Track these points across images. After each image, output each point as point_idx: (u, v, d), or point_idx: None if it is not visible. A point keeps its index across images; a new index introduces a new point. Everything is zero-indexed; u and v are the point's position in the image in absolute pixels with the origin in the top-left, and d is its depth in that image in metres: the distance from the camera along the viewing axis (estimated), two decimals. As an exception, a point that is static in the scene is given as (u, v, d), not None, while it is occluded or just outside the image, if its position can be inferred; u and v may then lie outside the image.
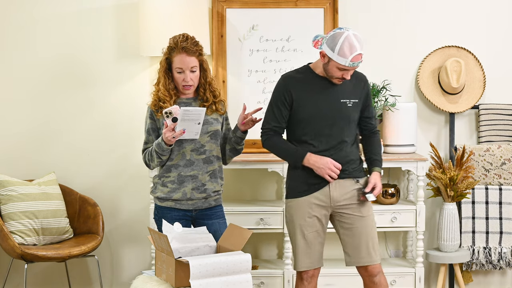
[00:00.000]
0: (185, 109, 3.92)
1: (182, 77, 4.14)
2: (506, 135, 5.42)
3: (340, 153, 4.14)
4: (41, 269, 5.41)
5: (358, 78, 4.19)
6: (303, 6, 5.30)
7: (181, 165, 4.16)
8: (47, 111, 5.39)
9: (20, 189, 5.04)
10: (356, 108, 4.16)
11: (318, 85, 4.12)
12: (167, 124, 3.98)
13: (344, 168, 4.14)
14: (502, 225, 5.32)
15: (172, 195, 4.17)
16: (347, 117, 4.13)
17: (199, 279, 3.59)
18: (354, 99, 4.15)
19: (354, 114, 4.16)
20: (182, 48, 4.11)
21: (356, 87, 4.17)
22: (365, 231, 4.15)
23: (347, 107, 4.13)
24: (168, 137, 3.98)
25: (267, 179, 5.45)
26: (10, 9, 5.33)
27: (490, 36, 5.48)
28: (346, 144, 4.16)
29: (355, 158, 4.19)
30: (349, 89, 4.16)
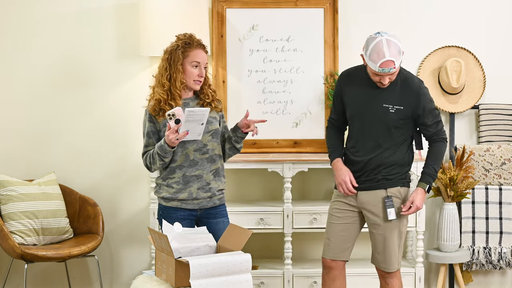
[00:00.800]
0: (189, 110, 3.92)
1: (197, 72, 4.14)
2: (506, 135, 5.42)
3: (374, 157, 4.19)
4: (41, 269, 5.41)
5: (409, 86, 4.17)
6: (303, 6, 5.30)
7: (185, 166, 4.16)
8: (47, 111, 5.39)
9: (20, 189, 5.04)
10: (401, 115, 4.15)
11: (368, 86, 4.20)
12: (170, 126, 3.97)
13: (375, 176, 4.19)
14: (502, 225, 5.32)
15: (178, 195, 4.17)
16: (385, 122, 4.15)
17: (199, 279, 3.59)
18: (398, 105, 4.15)
19: (397, 121, 4.15)
20: (200, 45, 4.16)
21: (404, 94, 4.16)
22: (382, 238, 4.25)
23: (388, 112, 4.15)
24: (171, 139, 3.98)
25: (267, 179, 5.45)
26: (10, 9, 5.33)
27: (490, 36, 5.48)
28: (382, 149, 4.18)
29: (393, 165, 4.19)
30: (396, 94, 4.16)
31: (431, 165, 4.23)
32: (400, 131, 4.19)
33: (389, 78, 4.09)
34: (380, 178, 4.20)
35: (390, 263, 4.26)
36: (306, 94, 5.32)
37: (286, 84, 5.35)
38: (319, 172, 5.36)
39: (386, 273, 4.30)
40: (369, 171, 4.21)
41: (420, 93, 4.17)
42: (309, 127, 5.30)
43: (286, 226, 5.08)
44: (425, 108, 4.18)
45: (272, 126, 5.33)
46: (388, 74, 4.05)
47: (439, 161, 4.25)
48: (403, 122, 4.17)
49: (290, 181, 5.09)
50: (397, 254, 4.27)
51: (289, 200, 5.09)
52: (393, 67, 4.02)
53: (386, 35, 4.06)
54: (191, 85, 4.18)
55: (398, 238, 4.25)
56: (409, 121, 4.20)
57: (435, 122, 4.24)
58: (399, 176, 4.22)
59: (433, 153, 4.25)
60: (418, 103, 4.16)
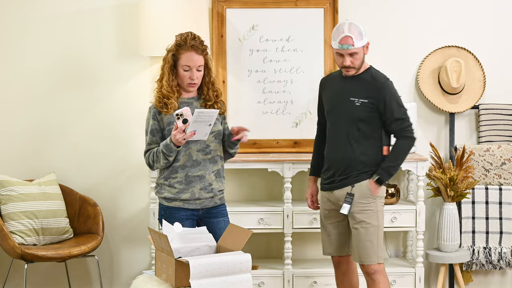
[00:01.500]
0: (199, 111, 3.93)
1: (189, 75, 4.14)
2: (506, 135, 5.42)
3: (345, 155, 4.28)
4: (41, 269, 5.41)
5: (375, 80, 4.29)
6: (303, 6, 5.30)
7: (188, 166, 4.16)
8: (47, 111, 5.38)
9: (20, 189, 5.04)
10: (365, 109, 4.24)
11: (339, 84, 4.36)
12: (177, 126, 3.98)
13: (347, 172, 4.29)
14: (502, 225, 5.32)
15: (181, 195, 4.17)
16: (352, 117, 4.25)
17: (199, 279, 3.59)
18: (363, 98, 4.24)
19: (362, 114, 4.24)
20: (191, 46, 4.12)
21: (370, 88, 4.27)
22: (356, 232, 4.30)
23: (354, 106, 4.25)
24: (178, 138, 3.99)
25: (267, 179, 5.45)
26: (9, 9, 5.33)
27: (490, 36, 5.48)
28: (352, 147, 4.27)
29: (363, 162, 4.27)
30: (362, 89, 4.27)
31: (388, 159, 4.27)
32: (368, 126, 4.27)
33: (350, 61, 4.23)
34: (352, 175, 4.29)
35: (367, 256, 4.29)
36: (306, 94, 5.32)
37: (286, 84, 5.35)
38: (319, 172, 5.36)
39: (369, 268, 4.30)
40: (341, 169, 4.30)
41: (383, 87, 4.27)
42: (309, 127, 5.29)
43: (286, 226, 5.09)
44: (386, 102, 4.25)
45: (272, 126, 5.33)
46: (347, 52, 4.20)
47: (398, 157, 4.28)
48: (369, 116, 4.25)
49: (290, 181, 5.09)
50: (375, 247, 4.28)
51: (289, 200, 5.09)
52: (351, 44, 4.19)
53: (350, 20, 4.27)
54: (185, 88, 4.18)
55: (374, 231, 4.28)
56: (375, 115, 4.26)
57: (400, 119, 4.27)
58: (370, 173, 4.29)
59: (393, 149, 4.30)
60: (381, 96, 4.25)
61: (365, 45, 4.27)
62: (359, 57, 4.25)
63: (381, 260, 4.31)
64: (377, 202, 4.30)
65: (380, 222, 4.31)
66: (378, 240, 4.29)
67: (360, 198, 4.27)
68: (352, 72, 4.28)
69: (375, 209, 4.29)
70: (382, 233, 4.33)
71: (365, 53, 4.29)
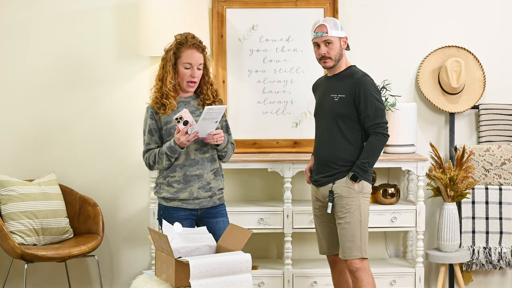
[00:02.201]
0: (209, 108, 3.97)
1: (190, 73, 4.15)
2: (506, 135, 5.42)
3: (325, 148, 4.36)
4: (41, 269, 5.41)
5: (353, 76, 4.35)
6: (303, 6, 5.30)
7: (186, 165, 4.16)
8: (47, 111, 5.39)
9: (20, 189, 5.04)
10: (343, 104, 4.30)
11: (324, 84, 4.46)
12: (179, 129, 4.00)
13: (329, 169, 4.35)
14: (502, 225, 5.32)
15: (179, 195, 4.18)
16: (331, 112, 4.33)
17: (199, 279, 3.59)
18: (341, 94, 4.32)
19: (341, 110, 4.31)
20: (193, 44, 4.15)
21: (347, 82, 4.33)
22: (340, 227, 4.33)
23: (333, 102, 4.33)
24: (183, 141, 4.02)
25: (267, 179, 5.45)
26: (9, 9, 5.33)
27: (490, 36, 5.48)
28: (332, 141, 4.33)
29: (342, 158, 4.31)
30: (341, 84, 4.35)
31: (362, 156, 4.29)
32: (348, 123, 4.31)
33: (326, 51, 4.31)
34: (333, 172, 4.33)
35: (349, 251, 4.30)
36: (306, 94, 5.32)
37: (286, 84, 5.35)
38: (319, 172, 5.35)
39: (351, 265, 4.30)
40: (324, 166, 4.36)
41: (360, 81, 4.31)
42: (309, 127, 5.29)
43: (286, 226, 5.09)
44: (361, 96, 4.27)
45: (272, 126, 5.33)
46: (321, 39, 4.31)
47: (371, 154, 4.29)
48: (347, 112, 4.30)
49: (290, 181, 5.09)
50: (357, 242, 4.29)
51: (289, 200, 5.09)
52: (325, 31, 4.29)
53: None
54: (185, 87, 4.19)
55: (357, 225, 4.29)
56: (354, 112, 4.30)
57: (374, 115, 4.28)
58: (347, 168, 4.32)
59: (366, 146, 4.31)
60: (357, 89, 4.29)
61: (342, 38, 4.34)
62: (334, 47, 4.31)
63: (364, 255, 4.30)
64: (360, 197, 4.30)
65: (363, 218, 4.31)
66: (361, 236, 4.29)
67: (342, 194, 4.30)
68: (330, 64, 4.34)
69: (357, 204, 4.29)
70: (366, 229, 4.32)
71: (342, 46, 4.34)
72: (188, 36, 4.18)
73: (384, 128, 4.30)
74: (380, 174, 5.45)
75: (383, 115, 4.31)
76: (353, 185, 4.28)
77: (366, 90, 4.29)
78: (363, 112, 4.28)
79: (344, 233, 4.30)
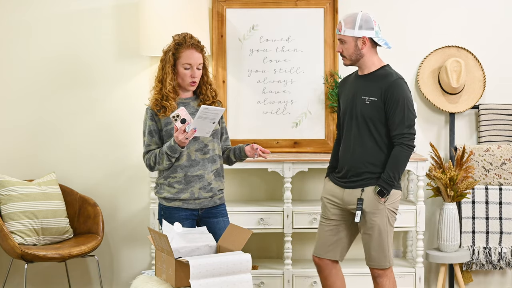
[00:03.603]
0: (205, 107, 3.95)
1: (190, 73, 4.15)
2: (506, 135, 5.42)
3: (354, 153, 4.23)
4: (41, 269, 5.41)
5: (386, 78, 4.19)
6: (303, 6, 5.30)
7: (187, 166, 4.16)
8: (47, 111, 5.39)
9: (20, 189, 5.04)
10: (375, 107, 4.16)
11: (353, 83, 4.31)
12: (177, 128, 3.99)
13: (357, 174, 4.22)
14: (502, 225, 5.32)
15: (180, 195, 4.17)
16: (362, 115, 4.18)
17: (199, 279, 3.59)
18: (373, 97, 4.17)
19: (372, 113, 4.16)
20: (191, 44, 4.14)
21: (380, 84, 4.18)
22: (366, 236, 4.25)
23: (364, 104, 4.18)
24: (181, 139, 4.00)
25: (267, 179, 5.45)
26: (9, 8, 5.33)
27: (490, 36, 5.48)
28: (362, 144, 4.21)
29: (371, 163, 4.20)
30: (374, 86, 4.20)
31: (387, 169, 4.17)
32: (379, 127, 4.18)
33: (341, 47, 4.22)
34: (362, 177, 4.22)
35: (375, 260, 4.25)
36: (306, 94, 5.32)
37: (286, 84, 5.35)
38: (319, 172, 5.35)
39: (376, 272, 4.28)
40: (352, 170, 4.23)
41: (392, 84, 4.15)
42: (309, 127, 5.30)
43: (286, 226, 5.08)
44: (392, 101, 4.13)
45: (272, 126, 5.33)
46: (337, 37, 4.24)
47: (397, 167, 4.16)
48: (378, 116, 4.16)
49: (290, 181, 5.09)
50: (385, 251, 4.24)
51: (289, 200, 5.09)
52: (339, 29, 4.21)
53: (363, 11, 4.28)
54: (186, 86, 4.19)
55: (384, 235, 4.22)
56: (384, 116, 4.16)
57: (400, 123, 4.13)
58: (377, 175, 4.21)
59: (391, 158, 4.17)
60: (388, 93, 4.14)
61: (360, 39, 4.18)
62: (348, 47, 4.19)
63: (388, 264, 4.26)
64: (387, 206, 4.21)
65: (389, 227, 4.24)
66: (388, 245, 4.24)
67: (369, 202, 4.20)
68: (346, 62, 4.25)
69: (385, 214, 4.21)
70: (391, 237, 4.27)
71: (360, 47, 4.19)
72: (186, 36, 4.17)
73: (410, 139, 4.14)
74: (380, 174, 5.45)
75: (411, 125, 4.15)
76: (380, 200, 4.18)
77: (398, 95, 4.13)
78: (390, 118, 4.13)
79: (371, 243, 4.23)
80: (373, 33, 4.19)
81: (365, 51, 4.20)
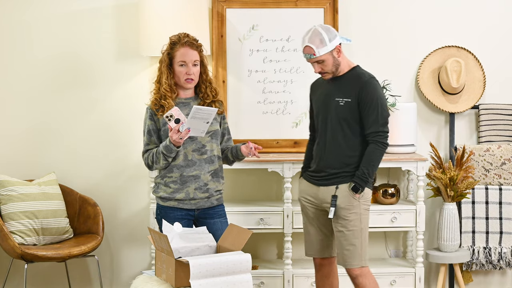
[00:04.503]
0: (197, 108, 3.95)
1: (185, 70, 4.16)
2: (506, 135, 5.42)
3: (328, 153, 4.27)
4: (41, 269, 5.41)
5: (357, 79, 4.25)
6: (303, 6, 5.30)
7: (183, 166, 4.16)
8: (47, 111, 5.39)
9: (20, 189, 5.04)
10: (349, 108, 4.21)
11: (326, 85, 4.33)
12: (171, 127, 3.99)
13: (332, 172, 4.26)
14: (502, 225, 5.32)
15: (175, 195, 4.18)
16: (336, 117, 4.23)
17: (199, 279, 3.59)
18: (347, 98, 4.21)
19: (347, 114, 4.21)
20: (185, 42, 4.17)
21: (353, 85, 4.23)
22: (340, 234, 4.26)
23: (338, 106, 4.23)
24: (175, 139, 4.01)
25: (267, 179, 5.45)
26: (9, 8, 5.33)
27: (490, 36, 5.48)
28: (336, 144, 4.25)
29: (346, 162, 4.24)
30: (347, 87, 4.24)
31: (362, 166, 4.20)
32: (353, 127, 4.22)
33: (320, 67, 4.21)
34: (336, 175, 4.25)
35: (350, 259, 4.24)
36: (306, 94, 5.29)
37: (286, 84, 5.35)
38: (319, 172, 5.35)
39: (353, 272, 4.26)
40: (327, 168, 4.27)
41: (365, 84, 4.19)
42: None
43: (286, 226, 5.09)
44: (366, 100, 4.16)
45: (272, 126, 5.33)
46: (312, 61, 4.20)
47: (371, 164, 4.20)
48: (352, 116, 4.20)
49: (290, 181, 5.09)
50: (358, 251, 4.24)
51: (289, 200, 5.09)
52: (312, 54, 4.17)
53: (317, 26, 4.21)
54: (183, 84, 4.20)
55: (358, 233, 4.23)
56: (358, 116, 4.20)
57: (375, 122, 4.17)
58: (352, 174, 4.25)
59: (366, 155, 4.21)
60: (362, 93, 4.18)
61: (334, 49, 4.18)
62: (328, 64, 4.19)
63: (364, 264, 4.26)
64: (361, 204, 4.24)
65: (364, 225, 4.25)
66: (361, 244, 4.24)
67: (343, 200, 4.23)
68: (328, 77, 4.25)
69: (359, 211, 4.23)
70: (366, 236, 4.28)
71: (336, 56, 4.20)
72: (181, 35, 4.20)
73: (384, 137, 4.19)
74: (380, 174, 5.45)
75: (385, 124, 4.20)
76: (355, 195, 4.22)
77: (372, 94, 4.18)
78: (365, 117, 4.18)
79: (345, 241, 4.25)
80: (339, 37, 4.23)
81: (340, 58, 4.24)
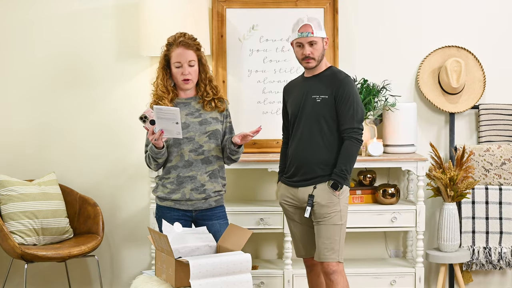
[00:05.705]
0: (157, 108, 3.94)
1: (181, 71, 4.16)
2: (506, 135, 5.42)
3: (305, 151, 4.27)
4: (41, 269, 5.41)
5: (335, 76, 4.28)
6: (303, 6, 5.30)
7: (180, 166, 4.16)
8: (47, 111, 5.39)
9: (20, 189, 5.04)
10: (326, 105, 4.23)
11: (301, 85, 4.35)
12: (147, 129, 4.00)
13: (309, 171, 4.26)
14: (502, 225, 5.32)
15: (172, 195, 4.18)
16: (314, 114, 4.25)
17: (199, 279, 3.59)
18: (324, 94, 4.24)
19: (324, 111, 4.23)
20: (180, 42, 4.16)
21: (329, 83, 4.26)
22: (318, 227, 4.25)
23: (315, 103, 4.25)
24: (151, 140, 4.01)
25: (267, 179, 5.45)
26: (9, 8, 5.33)
27: (490, 36, 5.48)
28: (313, 143, 4.25)
29: (323, 161, 4.24)
30: (323, 85, 4.27)
31: (339, 163, 4.22)
32: (331, 124, 4.24)
33: (310, 51, 4.23)
34: (314, 174, 4.25)
35: (327, 253, 4.24)
36: (306, 94, 5.32)
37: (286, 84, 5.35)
38: (319, 172, 5.35)
39: (327, 267, 4.25)
40: (304, 168, 4.27)
41: (342, 82, 4.24)
42: (309, 127, 5.29)
43: (286, 226, 5.08)
44: (343, 97, 4.21)
45: (272, 126, 5.33)
46: (307, 40, 4.23)
47: (348, 160, 4.22)
48: (329, 113, 4.23)
49: (290, 181, 5.09)
50: (336, 246, 4.24)
51: (289, 200, 5.09)
52: (310, 31, 4.21)
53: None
54: (181, 85, 4.20)
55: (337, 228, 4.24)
56: (335, 113, 4.23)
57: (350, 118, 4.21)
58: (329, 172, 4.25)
59: (343, 152, 4.23)
60: (338, 90, 4.22)
61: (324, 39, 4.28)
62: (318, 48, 4.25)
63: (341, 259, 4.27)
64: (341, 201, 4.25)
65: (343, 221, 4.27)
66: (339, 239, 4.25)
67: (323, 198, 4.23)
68: (312, 64, 4.27)
69: (338, 208, 4.24)
70: (344, 232, 4.29)
71: (324, 47, 4.28)
72: (176, 36, 4.20)
73: (359, 134, 4.22)
74: (380, 174, 5.45)
75: (360, 121, 4.24)
76: (335, 193, 4.23)
77: (349, 91, 4.22)
78: (341, 114, 4.21)
79: (322, 236, 4.24)
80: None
81: (324, 52, 4.32)
